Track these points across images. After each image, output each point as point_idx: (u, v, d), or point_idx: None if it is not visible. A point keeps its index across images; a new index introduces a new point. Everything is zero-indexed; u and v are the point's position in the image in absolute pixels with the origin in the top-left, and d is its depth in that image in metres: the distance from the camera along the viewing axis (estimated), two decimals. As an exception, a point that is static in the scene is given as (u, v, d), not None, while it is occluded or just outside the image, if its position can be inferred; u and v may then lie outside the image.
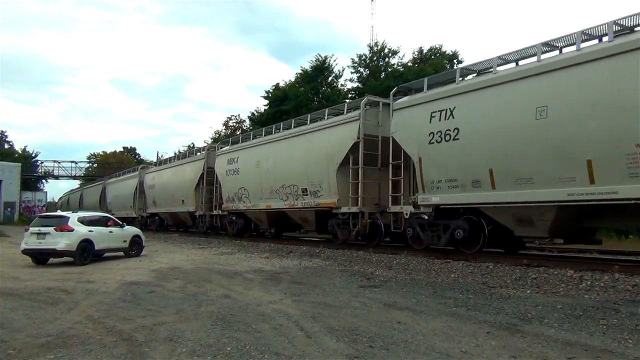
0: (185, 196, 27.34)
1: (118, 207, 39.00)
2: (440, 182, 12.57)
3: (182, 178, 28.05)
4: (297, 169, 18.02)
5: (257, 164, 20.44)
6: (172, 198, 29.17)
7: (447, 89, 12.69)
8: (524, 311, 6.90)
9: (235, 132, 47.72)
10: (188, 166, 27.94)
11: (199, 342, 5.52)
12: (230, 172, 22.73)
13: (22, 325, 6.45)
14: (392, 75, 37.89)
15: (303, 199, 17.58)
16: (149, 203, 33.22)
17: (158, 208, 31.79)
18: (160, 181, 31.42)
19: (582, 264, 10.29)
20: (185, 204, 27.50)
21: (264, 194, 19.85)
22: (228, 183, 22.89)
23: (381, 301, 7.88)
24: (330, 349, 5.24)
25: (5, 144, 71.50)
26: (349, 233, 15.83)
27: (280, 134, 19.72)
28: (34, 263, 13.99)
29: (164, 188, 30.51)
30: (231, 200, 22.55)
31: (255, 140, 21.80)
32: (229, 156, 23.26)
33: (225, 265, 13.26)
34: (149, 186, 32.98)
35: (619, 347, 5.22)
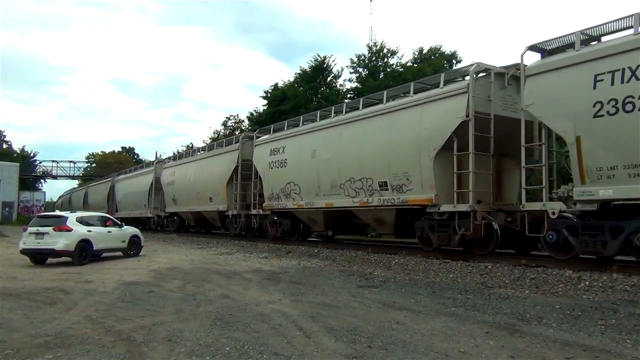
0: (215, 193, 23.74)
1: (129, 206, 36.12)
2: (614, 168, 9.21)
3: (211, 172, 24.48)
4: (371, 158, 14.48)
5: (312, 153, 16.96)
6: (197, 196, 25.52)
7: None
8: (523, 311, 6.91)
9: (234, 132, 47.69)
10: (218, 159, 24.26)
11: (198, 342, 5.52)
12: (274, 165, 19.24)
13: (21, 325, 6.44)
14: (391, 75, 37.89)
15: (381, 194, 14.08)
16: (168, 201, 29.61)
17: (179, 207, 28.34)
18: (182, 176, 27.78)
19: (580, 264, 10.28)
20: (214, 202, 23.89)
21: (323, 189, 16.48)
22: (271, 177, 19.46)
23: (380, 301, 7.88)
24: (329, 349, 5.24)
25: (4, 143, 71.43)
26: (449, 238, 12.34)
27: (345, 117, 16.22)
28: (33, 263, 13.98)
29: (187, 184, 26.87)
30: (275, 197, 19.14)
31: (308, 126, 18.12)
32: (271, 146, 19.71)
33: (224, 265, 13.26)
34: (168, 182, 29.50)
35: (617, 347, 5.23)
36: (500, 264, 10.91)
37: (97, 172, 64.31)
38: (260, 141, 20.97)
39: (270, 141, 20.07)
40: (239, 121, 52.38)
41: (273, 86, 43.45)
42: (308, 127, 18.04)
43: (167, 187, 29.61)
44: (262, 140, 20.89)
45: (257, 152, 20.88)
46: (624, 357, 4.92)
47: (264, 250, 17.32)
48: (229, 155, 23.13)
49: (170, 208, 29.58)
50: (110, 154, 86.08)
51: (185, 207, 27.50)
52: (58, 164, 60.01)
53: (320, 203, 16.71)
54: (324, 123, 17.20)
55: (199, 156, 27.25)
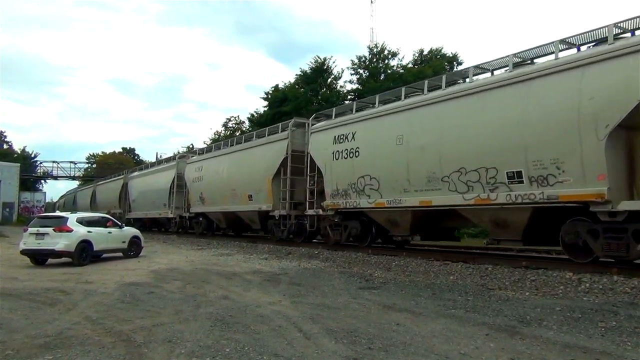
0: (256, 190, 20.61)
1: (146, 205, 33.02)
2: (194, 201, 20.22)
3: (251, 166, 21.33)
4: (494, 142, 11.34)
5: (397, 139, 13.79)
6: (231, 194, 22.48)
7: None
8: (523, 313, 6.91)
9: (235, 133, 47.70)
10: (261, 150, 21.00)
11: (198, 343, 5.52)
12: (340, 155, 16.07)
13: (21, 326, 6.44)
14: (392, 77, 37.95)
15: (510, 189, 10.97)
16: (194, 200, 26.50)
17: (207, 206, 25.16)
18: (212, 172, 24.60)
19: (581, 266, 10.29)
20: (255, 201, 20.74)
21: (415, 183, 13.23)
22: (336, 170, 16.33)
23: (380, 303, 7.87)
24: (329, 351, 5.24)
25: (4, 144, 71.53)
26: (627, 247, 9.40)
27: (446, 92, 12.80)
28: (33, 263, 13.97)
29: (219, 180, 23.76)
30: (342, 194, 15.98)
31: (388, 106, 14.77)
32: (335, 132, 16.49)
33: (224, 266, 13.26)
34: (193, 179, 26.39)
35: (617, 349, 5.22)
36: (501, 265, 10.92)
37: (98, 172, 64.29)
38: (319, 127, 17.53)
39: (334, 127, 16.67)
40: (239, 122, 52.50)
41: (274, 87, 43.62)
42: (389, 108, 14.60)
43: (193, 184, 26.47)
44: (322, 126, 17.43)
45: (314, 140, 17.58)
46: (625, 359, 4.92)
47: (264, 252, 17.31)
48: (276, 145, 19.64)
49: (197, 208, 26.32)
50: (110, 155, 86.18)
51: (215, 207, 24.31)
52: (58, 165, 60.13)
53: (410, 201, 13.43)
54: (414, 102, 13.69)
55: (235, 148, 23.44)
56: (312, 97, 40.24)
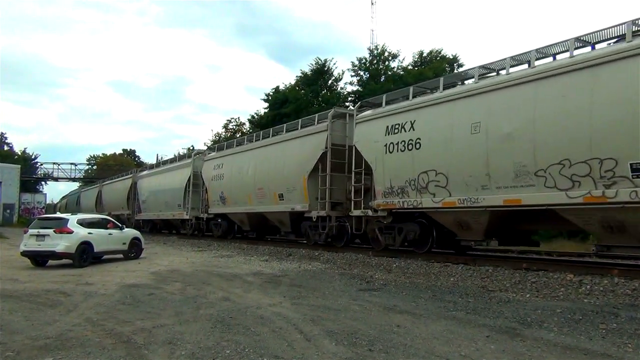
0: (289, 189, 18.35)
1: (158, 206, 30.78)
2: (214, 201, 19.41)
3: (282, 163, 18.96)
4: (614, 127, 9.29)
5: (472, 127, 11.63)
6: (258, 193, 20.23)
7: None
8: (524, 315, 6.91)
9: (235, 134, 47.75)
10: (294, 145, 18.60)
11: (198, 344, 5.51)
12: (394, 147, 13.85)
13: (21, 327, 6.44)
14: (392, 78, 37.99)
15: (635, 184, 8.98)
16: (213, 200, 24.29)
17: (229, 207, 22.95)
18: (236, 169, 22.34)
19: (581, 267, 10.29)
20: (287, 201, 18.49)
21: (498, 179, 11.17)
22: (389, 165, 14.05)
23: (380, 304, 7.87)
24: (330, 352, 5.24)
25: (5, 145, 71.64)
26: None
27: (538, 70, 10.78)
28: (33, 265, 13.97)
29: (243, 178, 21.55)
30: (397, 192, 13.81)
31: (459, 89, 12.77)
32: (387, 122, 14.24)
33: (225, 268, 13.25)
34: (212, 177, 24.27)
35: (618, 351, 5.22)
36: (501, 267, 10.91)
37: (98, 174, 64.33)
38: (367, 117, 15.40)
39: (386, 115, 14.46)
40: (240, 124, 52.56)
41: (274, 89, 43.64)
42: (459, 92, 12.46)
43: (212, 183, 24.26)
44: (370, 115, 15.29)
45: (360, 132, 15.47)
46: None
47: (264, 253, 17.31)
48: (313, 138, 17.45)
49: (216, 208, 24.11)
50: (111, 156, 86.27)
51: (238, 207, 22.09)
52: (59, 166, 60.13)
53: (490, 199, 11.33)
54: (494, 83, 11.56)
55: (262, 143, 21.14)
56: (312, 98, 40.29)
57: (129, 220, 34.66)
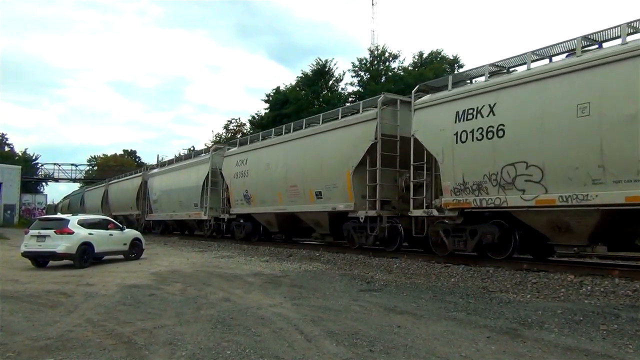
0: (328, 185, 16.25)
1: (171, 206, 28.83)
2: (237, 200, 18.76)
3: (321, 156, 16.79)
4: None
5: (577, 109, 9.72)
6: (290, 190, 18.17)
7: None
8: (524, 316, 6.90)
9: (236, 135, 47.78)
10: (335, 136, 16.40)
11: (199, 345, 5.52)
12: (468, 136, 11.79)
13: (22, 328, 6.45)
14: (393, 79, 38.01)
15: None
16: (236, 199, 22.10)
17: (256, 206, 20.74)
18: (262, 164, 20.16)
19: (582, 268, 10.28)
20: (326, 199, 16.39)
21: (615, 170, 9.26)
22: (461, 156, 12.00)
23: (381, 305, 7.87)
24: (330, 353, 5.24)
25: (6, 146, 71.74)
26: None
27: None
28: (34, 266, 13.98)
29: (272, 175, 19.41)
30: (472, 189, 11.76)
31: (558, 63, 10.60)
32: (459, 106, 12.07)
33: (225, 268, 13.26)
34: (235, 174, 22.14)
35: (619, 352, 5.21)
36: (502, 268, 10.90)
37: (99, 174, 64.38)
38: (427, 102, 13.09)
39: (454, 99, 12.27)
40: (240, 124, 52.61)
41: (275, 89, 43.69)
42: (560, 67, 10.36)
43: (234, 180, 22.16)
44: (432, 100, 12.97)
45: (420, 120, 13.24)
46: (626, 362, 4.91)
47: (265, 254, 17.30)
48: (359, 128, 15.31)
49: (240, 208, 21.93)
50: (111, 157, 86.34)
51: (266, 207, 19.89)
52: (60, 167, 60.21)
53: (607, 197, 9.29)
54: (609, 54, 9.46)
55: (294, 135, 18.82)
56: (313, 99, 40.33)
57: (138, 221, 33.74)
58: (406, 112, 14.33)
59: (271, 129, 22.10)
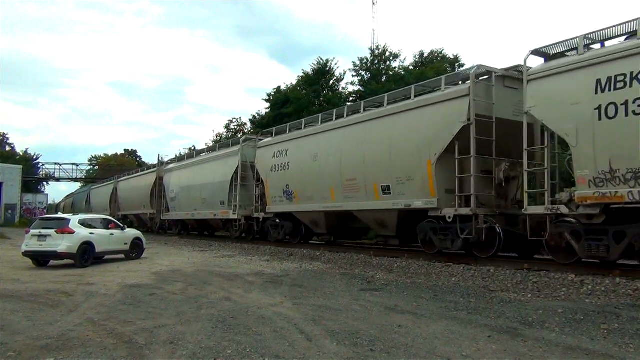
0: (401, 178, 13.60)
1: (193, 203, 25.97)
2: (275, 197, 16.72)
3: (388, 144, 14.11)
4: None
5: None
6: (346, 185, 15.51)
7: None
8: (525, 315, 6.90)
9: (237, 134, 47.77)
10: (408, 118, 13.69)
11: (200, 344, 5.52)
12: (623, 109, 9.02)
13: (23, 328, 6.45)
14: (394, 78, 37.95)
15: None
16: (274, 196, 19.38)
17: (300, 204, 18.01)
18: (306, 156, 17.49)
19: (583, 268, 10.26)
20: (395, 195, 13.77)
21: None
22: (614, 136, 9.25)
23: (382, 304, 7.87)
24: (331, 352, 5.23)
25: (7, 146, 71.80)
26: None
27: None
28: (35, 265, 14.00)
29: (320, 168, 16.72)
30: (625, 178, 9.10)
31: None
32: (601, 72, 9.37)
33: (226, 268, 13.26)
34: (272, 167, 19.38)
35: (620, 351, 5.21)
36: (503, 267, 10.89)
37: (100, 174, 64.40)
38: (553, 69, 10.33)
39: (593, 64, 9.52)
40: (241, 124, 52.56)
41: (276, 89, 43.65)
42: None
43: (272, 174, 19.45)
44: (562, 65, 10.16)
45: (540, 92, 10.56)
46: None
47: (265, 253, 17.30)
48: (444, 108, 12.65)
49: (278, 206, 19.31)
50: (112, 157, 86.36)
51: (313, 205, 17.25)
52: (60, 167, 60.20)
53: None
54: None
55: (351, 120, 15.92)
56: (314, 98, 40.29)
57: (152, 220, 32.20)
58: (501, 88, 12.27)
59: (318, 114, 18.94)
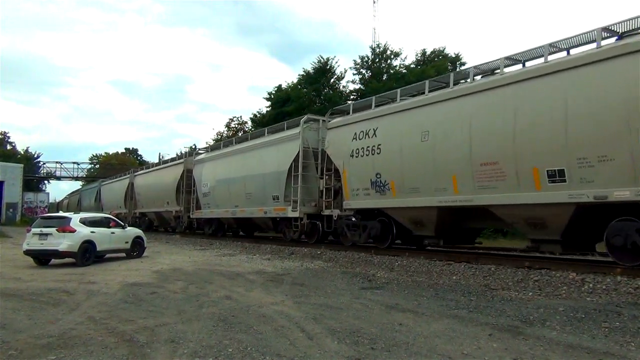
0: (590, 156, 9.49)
1: (229, 200, 22.67)
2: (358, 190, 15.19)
3: (560, 106, 9.93)
4: None
5: None
6: (484, 173, 11.39)
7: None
8: (526, 313, 6.89)
9: (237, 133, 47.74)
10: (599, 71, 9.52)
11: (201, 343, 5.52)
12: None
13: (24, 326, 6.46)
14: (394, 77, 37.91)
15: None
16: (355, 189, 15.37)
17: (396, 197, 13.92)
18: (410, 136, 13.32)
19: (584, 266, 10.26)
20: (577, 182, 9.67)
21: None
22: None
23: (383, 303, 7.87)
24: (332, 351, 5.23)
25: (8, 145, 71.91)
26: None
27: None
28: (36, 264, 14.00)
29: (437, 148, 12.59)
30: None
31: None
32: None
33: (227, 266, 13.26)
34: (352, 152, 15.33)
35: (621, 350, 5.20)
36: (504, 265, 10.88)
37: (101, 173, 64.46)
38: None
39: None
40: (242, 122, 52.57)
41: (277, 87, 43.67)
42: None
43: (351, 161, 15.41)
44: None
45: None
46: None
47: (267, 252, 17.30)
48: None
49: (362, 201, 15.20)
50: (113, 155, 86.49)
51: (421, 198, 13.10)
52: (62, 165, 60.26)
53: None
54: None
55: (484, 84, 11.86)
56: (315, 97, 40.28)
57: (177, 219, 28.37)
58: None
59: (423, 80, 14.47)
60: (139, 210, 34.54)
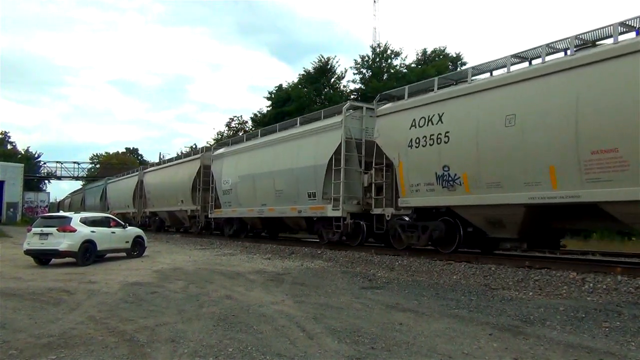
0: None
1: (256, 198, 20.29)
2: (418, 185, 13.00)
3: None
4: None
5: None
6: (595, 163, 9.08)
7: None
8: (527, 313, 6.89)
9: (238, 133, 47.75)
10: None
11: (201, 342, 5.52)
12: None
13: (24, 326, 6.46)
14: (395, 76, 37.90)
15: None
16: (412, 184, 13.23)
17: (466, 194, 11.76)
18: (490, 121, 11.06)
19: (584, 266, 10.25)
20: None
21: None
22: None
23: (383, 302, 7.87)
24: (332, 350, 5.24)
25: (8, 144, 71.96)
26: None
27: None
28: (36, 263, 14.01)
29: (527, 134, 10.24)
30: None
31: None
32: None
33: (227, 266, 13.27)
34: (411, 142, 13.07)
35: (621, 349, 5.20)
36: (504, 265, 10.87)
37: (102, 173, 64.47)
38: None
39: None
40: (242, 122, 52.56)
41: (277, 87, 43.66)
42: None
43: (409, 152, 13.20)
44: None
45: None
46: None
47: (267, 252, 17.30)
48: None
49: (423, 199, 13.03)
50: (114, 155, 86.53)
51: (500, 196, 11.00)
52: (62, 165, 60.27)
53: None
54: None
55: (596, 54, 9.35)
56: (315, 96, 40.27)
57: (193, 218, 26.38)
58: None
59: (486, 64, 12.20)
60: (149, 209, 32.60)
